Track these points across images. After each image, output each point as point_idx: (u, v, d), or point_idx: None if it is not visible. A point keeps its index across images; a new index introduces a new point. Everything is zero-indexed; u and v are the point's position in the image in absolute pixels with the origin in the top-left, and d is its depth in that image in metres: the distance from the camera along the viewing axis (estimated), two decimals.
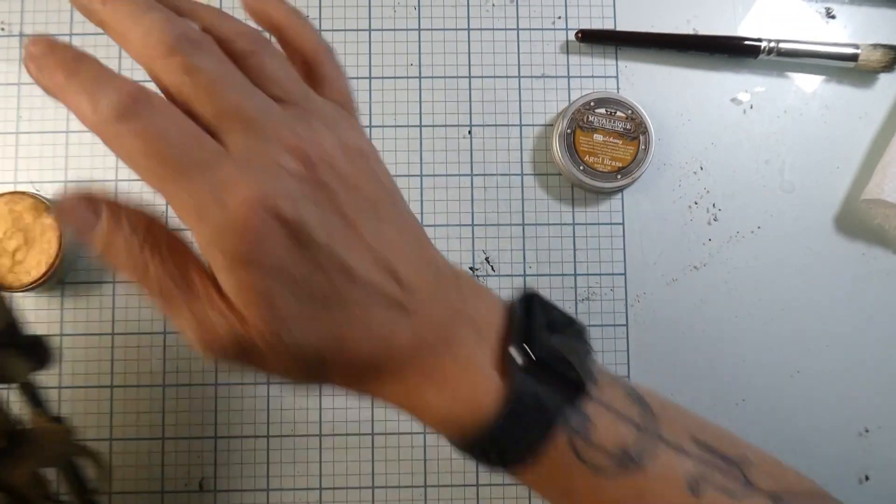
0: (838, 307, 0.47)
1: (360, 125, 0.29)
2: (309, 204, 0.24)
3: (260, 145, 0.24)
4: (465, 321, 0.28)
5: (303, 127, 0.25)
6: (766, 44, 0.47)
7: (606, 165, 0.46)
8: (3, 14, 0.49)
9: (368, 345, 0.26)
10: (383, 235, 0.26)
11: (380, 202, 0.26)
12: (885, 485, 0.46)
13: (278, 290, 0.24)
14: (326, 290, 0.25)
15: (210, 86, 0.23)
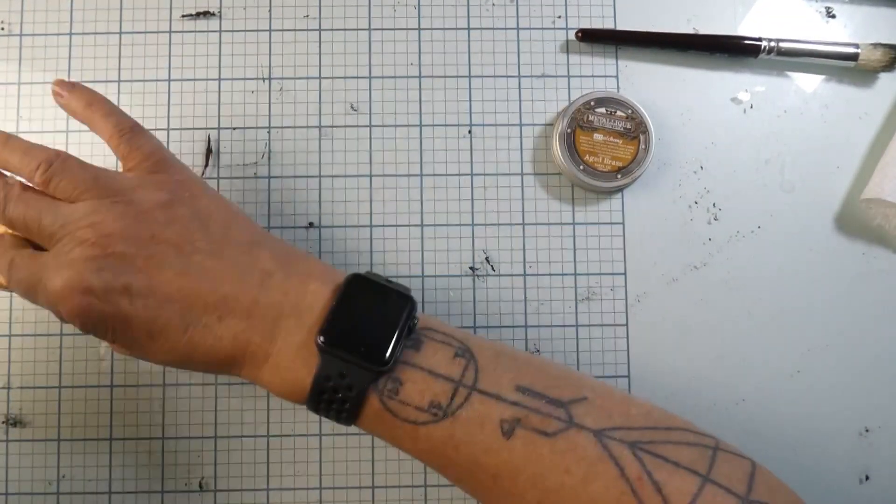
0: (838, 307, 0.47)
1: (167, 177, 0.36)
2: (100, 272, 0.32)
3: (63, 247, 0.33)
4: (290, 313, 0.34)
5: (94, 217, 0.33)
6: (767, 43, 0.47)
7: (606, 165, 0.46)
8: (3, 14, 0.49)
9: (200, 355, 0.34)
10: (192, 266, 0.33)
11: (184, 240, 0.34)
12: (885, 485, 0.46)
13: (116, 336, 0.33)
14: (146, 326, 0.33)
15: (22, 224, 0.35)
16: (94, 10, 0.49)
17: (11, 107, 0.48)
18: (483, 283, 0.47)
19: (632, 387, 0.47)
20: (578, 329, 0.47)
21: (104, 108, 0.38)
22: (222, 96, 0.48)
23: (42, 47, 0.48)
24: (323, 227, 0.47)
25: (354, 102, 0.48)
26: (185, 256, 0.33)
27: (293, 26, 0.49)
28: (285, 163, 0.48)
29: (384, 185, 0.48)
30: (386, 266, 0.47)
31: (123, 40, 0.49)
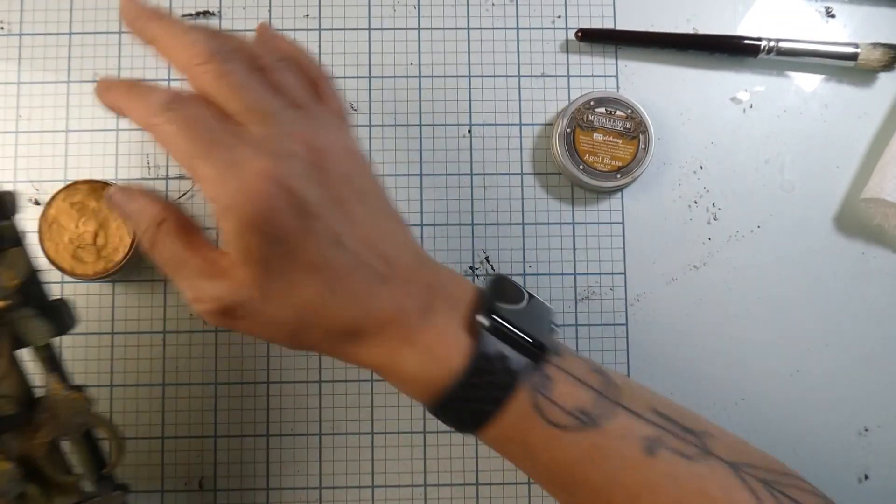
0: (838, 306, 0.47)
1: (354, 134, 0.34)
2: (310, 182, 0.29)
3: (274, 134, 0.29)
4: (441, 295, 0.32)
5: (310, 125, 0.30)
6: (766, 43, 0.47)
7: (606, 165, 0.46)
8: (3, 13, 0.49)
9: (352, 308, 0.30)
10: (371, 218, 0.31)
11: (369, 193, 0.32)
12: (884, 484, 0.46)
13: (273, 254, 0.28)
14: (316, 257, 0.29)
15: (237, 88, 0.29)
16: (94, 10, 0.49)
17: (11, 106, 0.48)
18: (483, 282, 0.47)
19: None
20: (578, 329, 0.47)
21: (311, 54, 0.36)
22: None
23: (42, 47, 0.48)
24: None
25: (354, 102, 0.48)
26: (369, 208, 0.31)
27: (293, 26, 0.49)
28: None
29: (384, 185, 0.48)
30: None
31: (123, 40, 0.49)
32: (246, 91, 0.29)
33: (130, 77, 0.33)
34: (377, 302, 0.30)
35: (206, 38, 0.29)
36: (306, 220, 0.28)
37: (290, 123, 0.30)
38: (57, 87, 0.48)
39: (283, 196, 0.28)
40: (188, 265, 0.30)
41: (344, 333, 0.30)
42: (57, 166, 0.47)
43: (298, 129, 0.30)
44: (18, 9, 0.49)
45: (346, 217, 0.30)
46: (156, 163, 0.48)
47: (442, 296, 0.32)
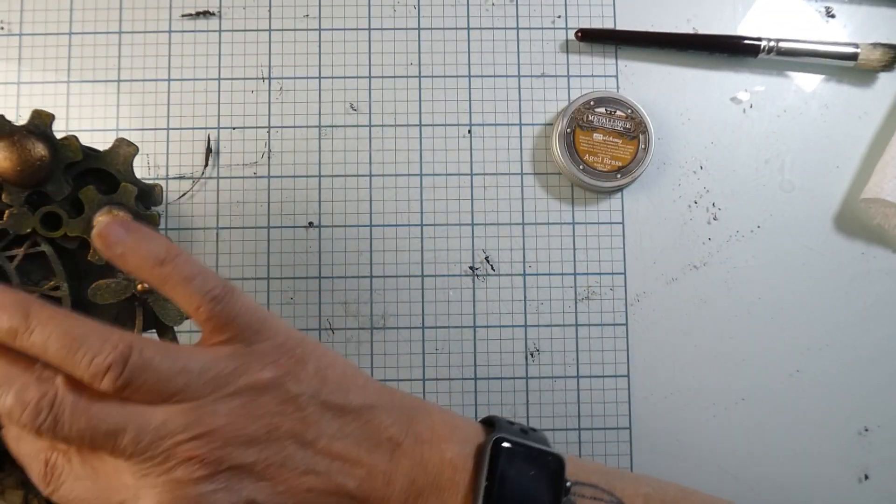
0: (838, 306, 0.47)
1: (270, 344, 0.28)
2: (222, 493, 0.26)
3: (154, 470, 0.25)
4: (429, 490, 0.29)
5: (196, 427, 0.26)
6: (766, 43, 0.47)
7: (606, 165, 0.46)
8: (3, 13, 0.49)
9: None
10: (318, 458, 0.28)
11: (303, 425, 0.28)
12: (884, 484, 0.46)
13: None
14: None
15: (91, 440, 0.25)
16: (94, 10, 0.49)
17: (11, 107, 0.48)
18: (483, 282, 0.47)
19: (631, 386, 0.47)
20: (578, 329, 0.47)
21: (184, 268, 0.27)
22: (222, 96, 0.48)
23: (42, 47, 0.48)
24: (323, 226, 0.47)
25: (354, 102, 0.48)
26: (308, 447, 0.28)
27: (293, 26, 0.49)
28: (285, 162, 0.48)
29: (384, 184, 0.48)
30: (385, 266, 0.47)
31: (123, 40, 0.49)
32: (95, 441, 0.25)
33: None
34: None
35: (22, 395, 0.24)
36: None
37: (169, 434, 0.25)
38: (57, 87, 0.48)
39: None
40: None
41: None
42: None
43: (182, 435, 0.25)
44: (18, 9, 0.49)
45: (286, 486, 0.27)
46: (156, 163, 0.48)
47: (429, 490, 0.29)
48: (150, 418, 0.25)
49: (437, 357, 0.47)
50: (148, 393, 0.26)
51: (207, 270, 0.28)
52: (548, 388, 0.47)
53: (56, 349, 0.25)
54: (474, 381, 0.47)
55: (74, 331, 0.25)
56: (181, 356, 0.26)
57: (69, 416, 0.24)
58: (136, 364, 0.25)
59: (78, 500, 0.26)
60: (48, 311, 0.25)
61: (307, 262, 0.47)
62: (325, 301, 0.47)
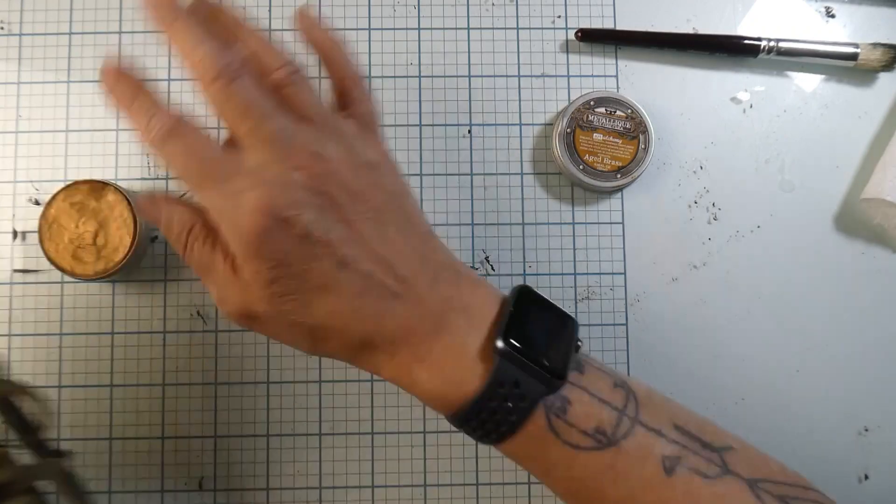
0: (838, 306, 0.47)
1: (380, 141, 0.34)
2: (310, 208, 0.29)
3: (273, 160, 0.30)
4: (459, 311, 0.32)
5: (317, 146, 0.30)
6: (766, 43, 0.47)
7: (606, 165, 0.46)
8: (3, 13, 0.49)
9: (359, 325, 0.31)
10: (383, 235, 0.31)
11: (383, 208, 0.31)
12: (884, 484, 0.46)
13: (280, 276, 0.29)
14: (322, 278, 0.30)
15: (241, 109, 0.30)
16: (94, 10, 0.49)
17: (11, 106, 0.48)
18: None
19: None
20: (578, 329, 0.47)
21: (346, 51, 0.35)
22: None
23: (42, 47, 0.48)
24: None
25: None
26: (381, 225, 0.31)
27: (293, 26, 0.49)
28: None
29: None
30: None
31: (123, 40, 0.49)
32: (249, 113, 0.30)
33: (134, 73, 0.32)
34: (388, 320, 0.31)
35: (215, 54, 0.29)
36: (309, 247, 0.29)
37: (294, 145, 0.30)
38: (57, 87, 0.48)
39: (280, 227, 0.29)
40: (214, 270, 0.31)
41: (359, 347, 0.31)
42: (57, 166, 0.47)
43: (301, 151, 0.30)
44: (18, 9, 0.49)
45: (355, 238, 0.30)
46: (156, 163, 0.48)
47: (459, 311, 0.32)
48: (293, 122, 0.30)
49: None
50: (300, 101, 0.31)
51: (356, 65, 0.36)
52: None
53: (256, 45, 0.32)
54: None
55: (268, 42, 0.32)
56: (325, 104, 0.33)
57: (247, 82, 0.30)
58: (300, 77, 0.32)
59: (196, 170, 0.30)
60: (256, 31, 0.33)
61: None
62: None
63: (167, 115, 0.30)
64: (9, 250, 0.47)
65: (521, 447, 0.32)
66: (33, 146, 0.47)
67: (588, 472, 0.31)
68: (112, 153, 0.48)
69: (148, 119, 0.30)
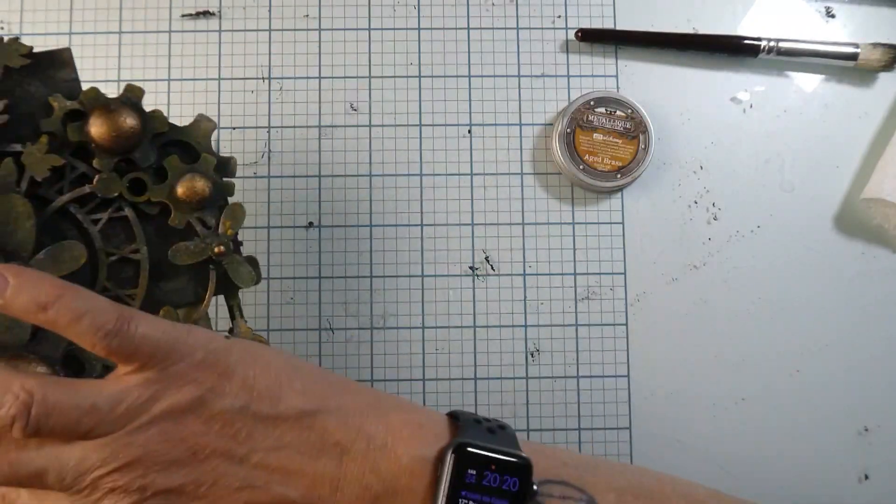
0: (838, 306, 0.47)
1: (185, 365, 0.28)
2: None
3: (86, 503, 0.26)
4: (384, 497, 0.28)
5: (114, 460, 0.26)
6: (766, 43, 0.47)
7: (606, 165, 0.46)
8: (2, 13, 0.49)
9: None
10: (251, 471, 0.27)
11: (232, 439, 0.27)
12: (884, 484, 0.46)
13: None
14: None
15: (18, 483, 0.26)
16: (94, 10, 0.49)
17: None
18: (483, 282, 0.47)
19: (631, 386, 0.47)
20: (578, 329, 0.47)
21: (70, 308, 0.27)
22: (222, 96, 0.48)
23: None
24: (323, 226, 0.47)
25: (354, 102, 0.48)
26: (242, 463, 0.27)
27: (293, 26, 0.49)
28: (285, 162, 0.48)
29: (384, 184, 0.48)
30: (385, 266, 0.47)
31: (123, 40, 0.49)
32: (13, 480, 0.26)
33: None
34: None
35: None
36: None
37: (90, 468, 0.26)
38: None
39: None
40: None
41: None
42: None
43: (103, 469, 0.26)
44: (18, 9, 0.49)
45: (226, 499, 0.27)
46: None
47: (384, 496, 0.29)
48: (69, 456, 0.26)
49: (437, 357, 0.47)
50: (61, 434, 0.26)
51: (98, 303, 0.27)
52: (548, 388, 0.47)
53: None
54: (474, 382, 0.47)
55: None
56: (90, 393, 0.27)
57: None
58: (39, 412, 0.26)
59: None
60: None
61: (307, 262, 0.47)
62: (325, 301, 0.47)
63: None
64: None
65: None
66: None
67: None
68: None
69: None
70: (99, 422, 0.26)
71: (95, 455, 0.26)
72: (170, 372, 0.27)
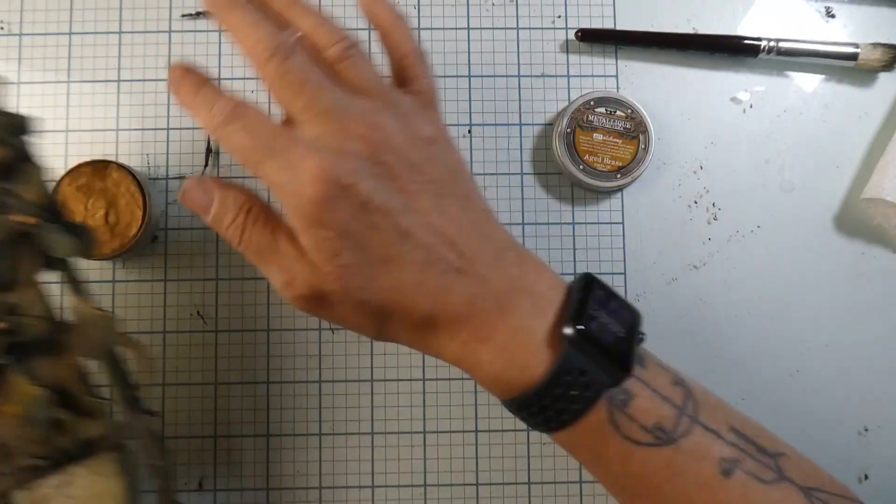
0: (838, 306, 0.47)
1: (438, 118, 0.34)
2: (368, 176, 0.29)
3: (329, 132, 0.29)
4: (524, 293, 0.31)
5: (374, 117, 0.30)
6: (766, 43, 0.47)
7: (606, 164, 0.46)
8: (3, 13, 0.49)
9: (424, 301, 0.30)
10: (443, 208, 0.30)
11: (442, 181, 0.31)
12: (884, 484, 0.46)
13: (344, 247, 0.29)
14: (385, 249, 0.29)
15: (296, 85, 0.30)
16: (94, 10, 0.49)
17: (11, 106, 0.48)
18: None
19: None
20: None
21: (408, 27, 0.35)
22: None
23: (42, 47, 0.48)
24: None
25: None
26: (440, 198, 0.30)
27: None
28: None
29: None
30: None
31: (123, 40, 0.49)
32: (304, 88, 0.29)
33: (197, 72, 0.32)
34: (451, 296, 0.30)
35: (269, 34, 0.30)
36: (369, 216, 0.29)
37: (350, 118, 0.29)
38: (57, 87, 0.48)
39: (340, 194, 0.28)
40: (280, 251, 0.30)
41: (422, 326, 0.30)
42: (57, 166, 0.47)
43: (358, 121, 0.30)
44: (18, 9, 0.49)
45: (415, 210, 0.30)
46: (156, 163, 0.48)
47: (525, 293, 0.31)
48: (346, 94, 0.30)
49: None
50: (356, 76, 0.31)
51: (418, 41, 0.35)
52: None
53: (311, 23, 0.32)
54: (475, 382, 0.47)
55: (323, 18, 0.33)
56: (383, 78, 0.32)
57: (300, 58, 0.30)
58: (356, 52, 0.32)
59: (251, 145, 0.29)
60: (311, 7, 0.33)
61: None
62: None
63: (228, 100, 0.30)
64: None
65: (579, 438, 0.31)
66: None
67: (645, 469, 0.31)
68: (112, 153, 0.48)
69: (210, 107, 0.30)
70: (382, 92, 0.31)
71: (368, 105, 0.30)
72: (429, 111, 0.33)
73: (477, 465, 0.46)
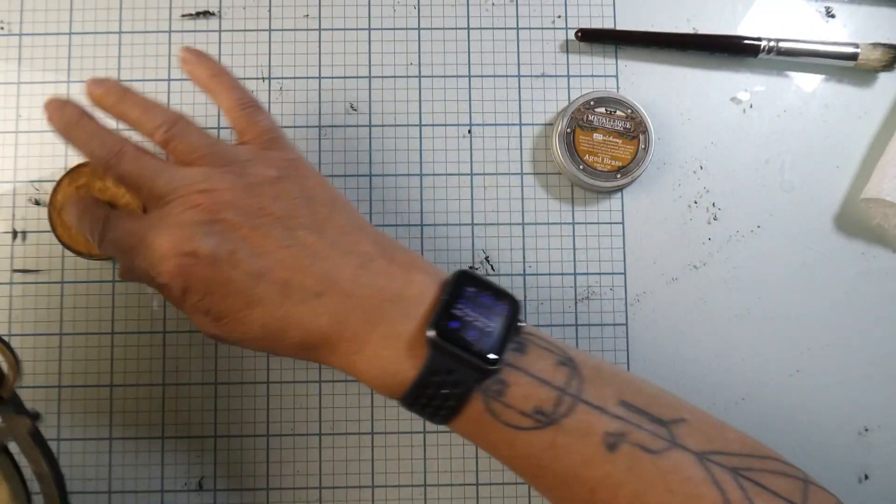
0: (838, 306, 0.47)
1: (281, 154, 0.36)
2: (209, 236, 0.32)
3: (168, 211, 0.33)
4: (393, 300, 0.33)
5: (205, 182, 0.33)
6: (766, 43, 0.47)
7: (606, 164, 0.46)
8: (3, 13, 0.49)
9: (293, 329, 0.33)
10: (295, 239, 0.33)
11: (291, 215, 0.33)
12: (884, 484, 0.46)
13: (212, 305, 0.33)
14: (246, 293, 0.32)
15: (134, 180, 0.34)
16: (94, 10, 0.49)
17: (11, 107, 0.48)
18: None
19: None
20: (578, 329, 0.47)
21: (228, 81, 0.38)
22: None
23: (42, 47, 0.48)
24: None
25: (354, 102, 0.48)
26: (289, 230, 0.33)
27: (293, 26, 0.49)
28: None
29: (384, 184, 0.48)
30: None
31: (123, 40, 0.49)
32: (141, 182, 0.34)
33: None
34: (317, 319, 0.32)
35: (101, 144, 0.35)
36: (221, 271, 0.32)
37: (182, 190, 0.33)
38: (57, 88, 0.48)
39: (189, 261, 0.32)
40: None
41: (302, 349, 0.33)
42: (57, 166, 0.47)
43: (190, 192, 0.33)
44: (18, 9, 0.49)
45: (263, 251, 0.32)
46: None
47: (394, 300, 0.33)
48: (179, 172, 0.34)
49: None
50: (183, 152, 0.35)
51: (244, 88, 0.38)
52: None
53: (136, 115, 0.36)
54: None
55: (148, 105, 0.36)
56: (212, 136, 0.36)
57: (129, 159, 0.34)
58: (179, 129, 0.35)
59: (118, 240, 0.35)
60: (138, 97, 0.36)
61: None
62: None
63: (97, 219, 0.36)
64: (9, 250, 0.47)
65: (465, 428, 0.34)
66: (33, 146, 0.47)
67: (530, 451, 0.32)
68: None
69: (92, 235, 0.35)
70: (212, 154, 0.34)
71: (198, 175, 0.33)
72: (268, 154, 0.36)
73: (477, 465, 0.46)
